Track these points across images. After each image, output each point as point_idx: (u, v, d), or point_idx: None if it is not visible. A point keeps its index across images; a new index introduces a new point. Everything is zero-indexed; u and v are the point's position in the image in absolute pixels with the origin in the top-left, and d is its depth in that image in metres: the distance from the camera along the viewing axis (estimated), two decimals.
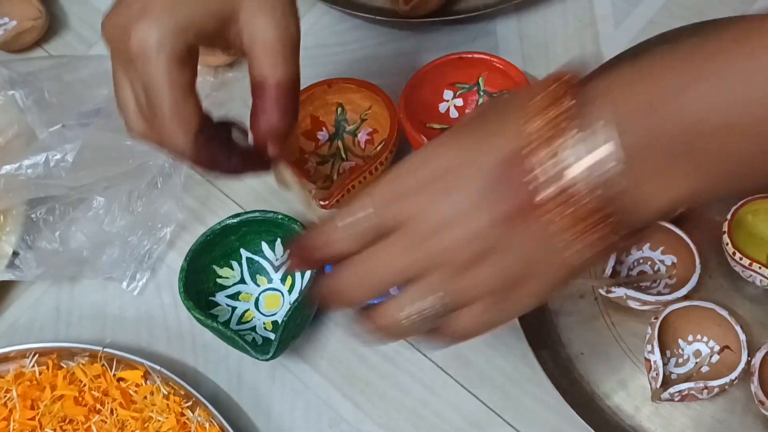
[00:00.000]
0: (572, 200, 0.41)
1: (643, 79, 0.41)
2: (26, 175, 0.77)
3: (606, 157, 0.40)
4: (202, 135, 0.53)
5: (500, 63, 0.80)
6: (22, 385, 0.75)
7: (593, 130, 0.40)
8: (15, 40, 0.91)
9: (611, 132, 0.40)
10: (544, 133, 0.41)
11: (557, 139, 0.41)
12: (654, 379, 0.69)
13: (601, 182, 0.40)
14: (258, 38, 0.52)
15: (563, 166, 0.40)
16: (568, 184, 0.41)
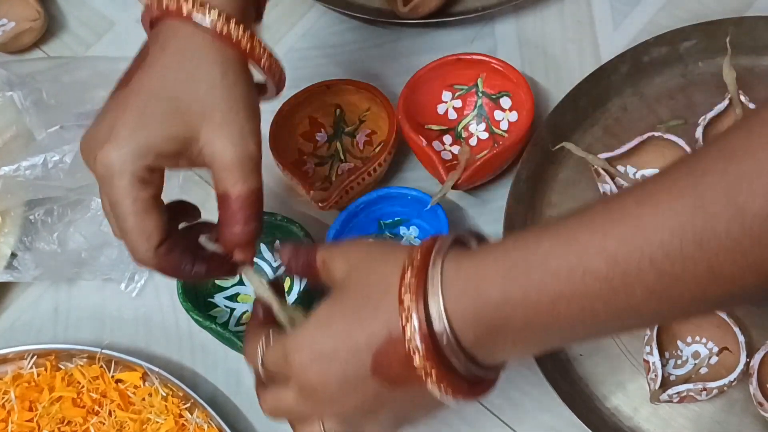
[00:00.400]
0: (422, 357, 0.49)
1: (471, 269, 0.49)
2: (24, 176, 0.77)
3: (441, 329, 0.49)
4: (164, 246, 0.57)
5: (499, 64, 0.80)
6: (20, 386, 0.75)
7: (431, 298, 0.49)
8: (13, 41, 0.91)
9: (441, 309, 0.49)
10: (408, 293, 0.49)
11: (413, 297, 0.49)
12: (653, 380, 0.69)
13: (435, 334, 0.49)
14: (217, 158, 0.56)
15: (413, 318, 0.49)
16: (416, 346, 0.49)
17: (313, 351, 0.52)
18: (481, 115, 0.82)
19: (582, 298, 0.47)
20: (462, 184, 0.76)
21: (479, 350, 0.50)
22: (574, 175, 0.80)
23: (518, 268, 0.48)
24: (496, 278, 0.48)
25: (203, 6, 0.57)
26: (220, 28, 0.57)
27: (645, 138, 0.76)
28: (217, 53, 0.57)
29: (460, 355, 0.49)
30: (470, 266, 0.49)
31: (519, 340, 0.50)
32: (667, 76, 0.82)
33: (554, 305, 0.47)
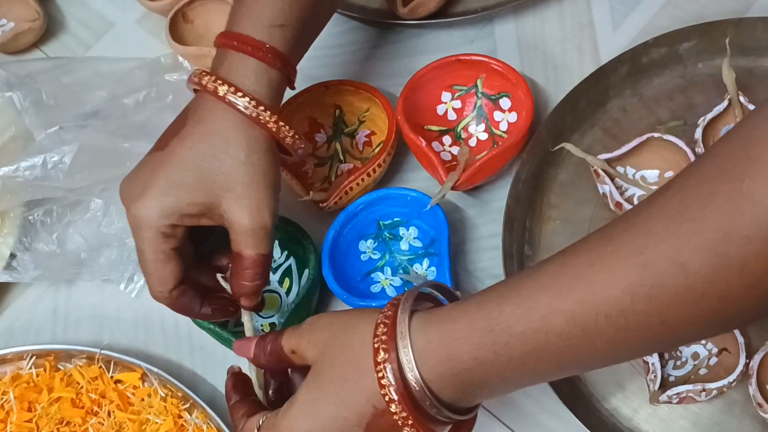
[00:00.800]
0: (404, 412, 0.53)
1: (441, 338, 0.53)
2: (24, 177, 0.77)
3: (422, 396, 0.53)
4: (177, 290, 0.65)
5: (498, 65, 0.80)
6: (19, 387, 0.75)
7: (405, 364, 0.53)
8: (12, 41, 0.91)
9: (418, 378, 0.53)
10: (382, 363, 0.53)
11: (389, 367, 0.53)
12: (652, 381, 0.69)
13: (411, 396, 0.53)
14: (234, 225, 0.64)
15: (393, 387, 0.53)
16: (401, 415, 0.53)
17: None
18: (480, 115, 0.82)
19: (548, 353, 0.51)
20: (461, 184, 0.76)
21: (460, 402, 0.55)
22: (574, 176, 0.80)
23: (485, 332, 0.52)
24: (466, 346, 0.52)
25: (238, 91, 0.63)
26: (250, 112, 0.63)
27: (644, 139, 0.76)
28: (246, 134, 0.64)
29: (443, 411, 0.54)
30: (440, 335, 0.53)
31: (495, 390, 0.55)
32: (666, 77, 0.82)
33: (524, 361, 0.52)
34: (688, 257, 0.46)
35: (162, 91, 0.84)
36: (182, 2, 0.89)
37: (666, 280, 0.47)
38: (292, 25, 0.67)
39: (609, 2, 0.88)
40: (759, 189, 0.44)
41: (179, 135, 0.64)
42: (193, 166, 0.63)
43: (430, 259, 0.78)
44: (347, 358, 0.55)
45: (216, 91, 0.64)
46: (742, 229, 0.44)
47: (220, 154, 0.63)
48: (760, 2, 0.85)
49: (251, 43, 0.65)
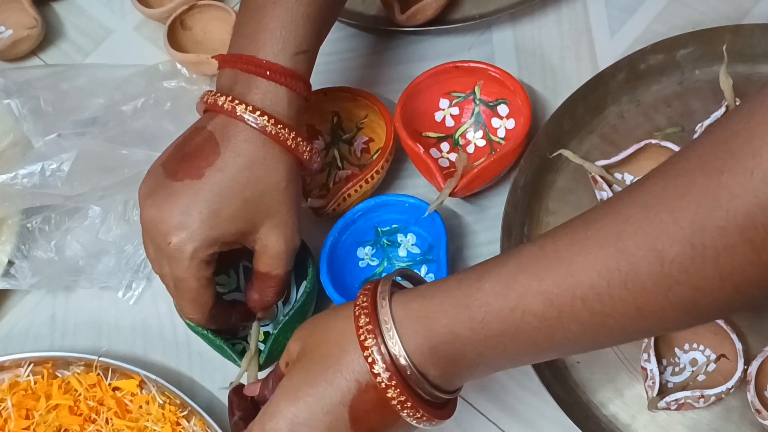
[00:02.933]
0: (390, 385, 0.54)
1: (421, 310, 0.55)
2: (22, 184, 0.77)
3: (405, 365, 0.54)
4: (214, 309, 0.69)
5: (496, 71, 0.81)
6: (17, 394, 0.75)
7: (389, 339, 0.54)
8: (11, 48, 0.91)
9: (401, 348, 0.54)
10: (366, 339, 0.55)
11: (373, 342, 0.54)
12: (650, 387, 0.69)
13: (401, 371, 0.54)
14: (269, 249, 0.67)
15: (378, 361, 0.54)
16: (387, 382, 0.54)
17: (293, 425, 0.56)
18: (478, 122, 0.83)
19: (524, 333, 0.52)
20: (459, 191, 0.76)
21: (441, 380, 0.55)
22: (572, 182, 0.80)
23: (463, 308, 0.53)
24: (443, 319, 0.53)
25: (271, 118, 0.65)
26: (283, 137, 0.66)
27: (642, 145, 0.76)
28: (283, 162, 0.66)
29: (425, 386, 0.55)
30: (419, 307, 0.54)
31: (473, 368, 0.55)
32: (663, 83, 0.82)
33: (500, 339, 0.53)
34: (665, 245, 0.47)
35: (160, 98, 0.84)
36: (180, 9, 0.89)
37: (642, 266, 0.48)
38: (312, 50, 0.69)
39: (606, 9, 0.88)
40: (736, 183, 0.45)
41: (215, 165, 0.65)
42: (235, 197, 0.65)
43: (429, 266, 0.78)
44: (328, 340, 0.57)
45: (235, 112, 0.65)
46: (718, 221, 0.45)
47: (261, 185, 0.65)
48: (757, 9, 0.86)
49: (280, 71, 0.66)
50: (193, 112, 0.83)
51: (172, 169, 0.66)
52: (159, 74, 0.86)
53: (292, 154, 0.67)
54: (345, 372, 0.55)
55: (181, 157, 0.66)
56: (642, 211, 0.48)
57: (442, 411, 0.57)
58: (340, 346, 0.56)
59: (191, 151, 0.66)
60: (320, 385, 0.56)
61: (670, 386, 0.70)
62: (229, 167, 0.65)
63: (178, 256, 0.64)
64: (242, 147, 0.65)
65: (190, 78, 0.86)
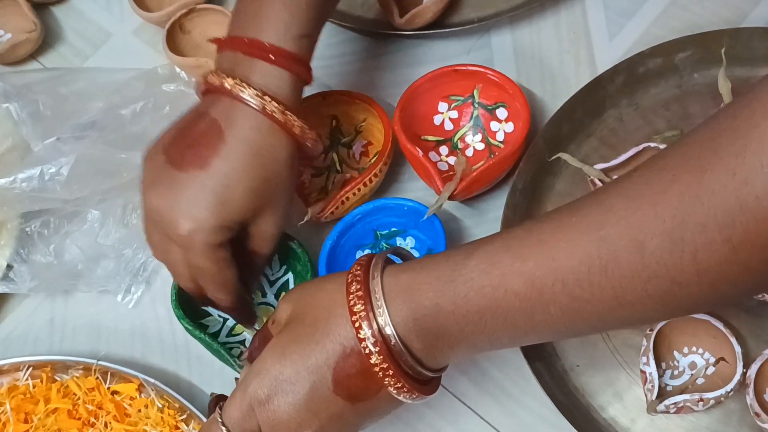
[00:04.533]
0: (373, 352, 0.55)
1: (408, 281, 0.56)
2: (21, 188, 0.77)
3: (389, 333, 0.55)
4: (238, 287, 0.69)
5: (495, 75, 0.81)
6: (16, 398, 0.75)
7: (377, 309, 0.55)
8: (9, 52, 0.91)
9: (387, 317, 0.55)
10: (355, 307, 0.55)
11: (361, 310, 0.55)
12: (649, 391, 0.69)
13: (386, 341, 0.55)
14: (263, 231, 0.68)
15: (365, 329, 0.55)
16: (371, 348, 0.55)
17: (276, 381, 0.56)
18: (477, 125, 0.83)
19: (504, 311, 0.53)
20: (458, 194, 0.76)
21: (423, 354, 0.56)
22: (571, 185, 0.80)
23: (448, 282, 0.54)
24: (428, 290, 0.54)
25: (273, 100, 0.65)
26: (283, 119, 0.65)
27: (641, 149, 0.76)
28: (286, 148, 0.66)
29: (408, 358, 0.55)
30: (407, 279, 0.55)
31: (455, 344, 0.56)
32: (662, 87, 0.82)
33: (481, 316, 0.53)
34: (645, 237, 0.48)
35: (159, 101, 0.84)
36: (179, 13, 0.89)
37: (622, 256, 0.49)
38: (314, 34, 0.69)
39: (605, 12, 0.88)
40: (718, 182, 0.45)
41: (221, 154, 0.64)
42: (241, 186, 0.65)
43: None
44: (318, 304, 0.57)
45: (240, 96, 0.64)
46: (699, 217, 0.46)
47: (265, 173, 0.66)
48: (755, 12, 0.86)
49: (284, 55, 0.65)
50: None
51: (176, 158, 0.65)
52: (158, 78, 0.86)
53: (296, 139, 0.67)
54: (332, 335, 0.56)
55: (185, 146, 0.66)
56: (625, 202, 0.49)
57: (423, 386, 0.58)
58: (329, 310, 0.56)
59: (195, 139, 0.65)
60: (306, 345, 0.56)
61: (669, 389, 0.70)
62: (235, 155, 0.65)
63: (193, 246, 0.65)
64: (248, 134, 0.65)
65: (189, 82, 0.86)
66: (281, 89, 0.66)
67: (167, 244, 0.66)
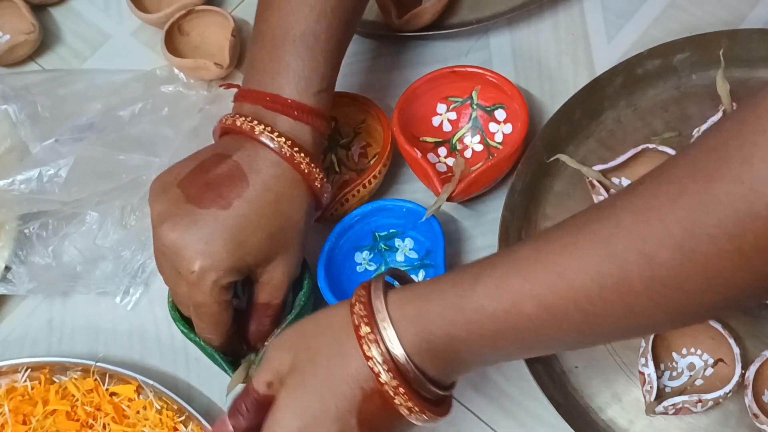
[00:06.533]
0: (397, 392, 0.54)
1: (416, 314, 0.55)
2: (19, 190, 0.77)
3: (407, 368, 0.54)
4: (231, 331, 0.69)
5: (493, 76, 0.81)
6: (14, 399, 0.75)
7: (385, 338, 0.54)
8: (8, 54, 0.91)
9: (402, 351, 0.54)
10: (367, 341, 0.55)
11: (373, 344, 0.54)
12: (648, 392, 0.69)
13: (399, 369, 0.54)
14: (274, 279, 0.68)
15: (384, 373, 0.54)
16: (393, 387, 0.54)
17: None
18: (475, 127, 0.83)
19: (517, 333, 0.53)
20: (457, 196, 0.76)
21: (440, 377, 0.56)
22: (569, 187, 0.80)
23: (458, 311, 0.54)
24: (440, 321, 0.54)
25: (302, 151, 0.67)
26: (305, 168, 0.67)
27: (639, 150, 0.76)
28: (305, 197, 0.68)
29: (427, 385, 0.55)
30: (414, 310, 0.55)
31: (470, 364, 0.57)
32: (660, 88, 0.82)
33: (495, 339, 0.54)
34: (655, 251, 0.48)
35: (158, 103, 0.84)
36: (178, 15, 0.89)
37: (632, 270, 0.49)
38: (332, 87, 0.71)
39: (603, 14, 0.88)
40: (727, 190, 0.45)
41: (244, 197, 0.65)
42: (261, 230, 0.66)
43: (426, 271, 0.78)
44: (322, 349, 0.56)
45: (268, 143, 0.66)
46: (708, 228, 0.46)
47: (283, 221, 0.67)
48: (754, 14, 0.86)
49: (305, 110, 0.68)
50: (189, 116, 0.83)
51: (194, 195, 0.66)
52: (156, 79, 0.86)
53: (315, 193, 0.69)
54: (349, 381, 0.55)
55: (204, 184, 0.66)
56: (633, 215, 0.49)
57: (441, 408, 0.58)
58: (339, 354, 0.56)
59: (216, 180, 0.66)
60: (325, 397, 0.55)
61: (668, 391, 0.70)
62: (258, 200, 0.66)
63: (200, 284, 0.65)
64: (272, 182, 0.66)
65: (188, 83, 0.86)
66: (305, 142, 0.68)
67: (175, 278, 0.67)
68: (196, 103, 0.84)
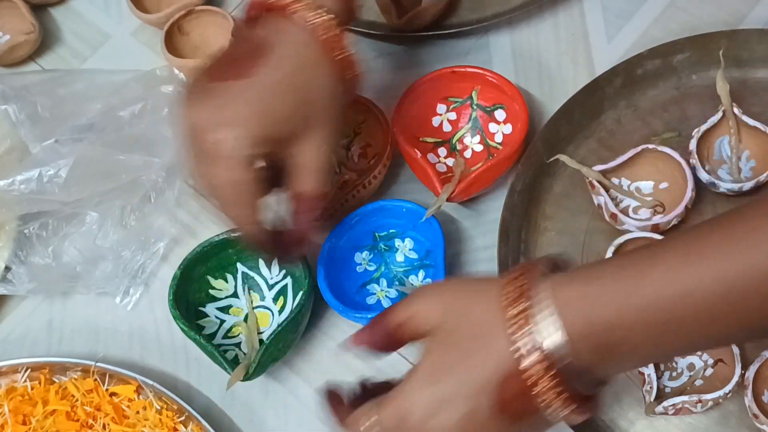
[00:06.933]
0: (540, 375, 0.51)
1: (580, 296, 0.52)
2: (19, 190, 0.77)
3: (556, 344, 0.51)
4: (258, 218, 0.65)
5: (493, 77, 0.81)
6: (14, 400, 0.75)
7: (545, 324, 0.51)
8: (8, 54, 0.91)
9: (557, 326, 0.51)
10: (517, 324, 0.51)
11: (525, 327, 0.51)
12: (648, 392, 0.69)
13: (556, 359, 0.51)
14: (307, 163, 0.64)
15: (529, 348, 0.51)
16: (531, 363, 0.51)
17: (431, 405, 0.53)
18: (475, 127, 0.83)
19: (689, 323, 0.50)
20: (457, 196, 0.76)
21: (593, 369, 0.52)
22: (569, 187, 0.80)
23: (628, 296, 0.50)
24: (605, 306, 0.51)
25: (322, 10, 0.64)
26: (331, 33, 0.64)
27: (639, 150, 0.76)
28: (332, 75, 0.64)
29: (578, 376, 0.52)
30: (577, 293, 0.51)
31: (630, 358, 0.53)
32: (660, 88, 0.82)
33: (667, 327, 0.50)
34: None
35: (157, 103, 0.84)
36: (177, 15, 0.89)
37: None
38: None
39: (603, 14, 0.89)
40: None
41: (268, 64, 0.62)
42: (286, 97, 0.62)
43: (426, 271, 0.78)
44: (471, 321, 0.53)
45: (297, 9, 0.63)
46: None
47: (310, 92, 0.63)
48: (753, 14, 0.86)
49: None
50: None
51: (217, 74, 0.63)
52: (156, 79, 0.86)
53: (340, 70, 0.65)
54: (493, 356, 0.52)
55: (228, 63, 0.64)
56: None
57: (588, 404, 0.54)
58: (484, 331, 0.52)
59: (240, 56, 0.64)
60: (462, 371, 0.53)
61: (668, 391, 0.70)
62: (280, 68, 0.63)
63: (225, 151, 0.61)
64: (299, 50, 0.63)
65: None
66: (334, 13, 0.65)
67: (207, 165, 0.63)
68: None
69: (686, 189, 0.74)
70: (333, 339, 0.78)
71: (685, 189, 0.74)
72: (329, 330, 0.78)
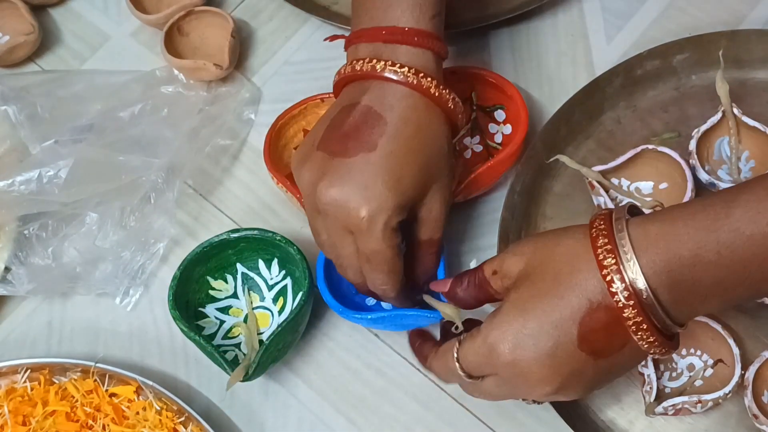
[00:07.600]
0: (627, 305, 0.54)
1: (660, 233, 0.54)
2: (19, 191, 0.77)
3: (641, 287, 0.53)
4: (402, 278, 0.68)
5: (492, 77, 0.81)
6: (14, 400, 0.74)
7: (628, 258, 0.54)
8: (7, 55, 0.91)
9: (638, 270, 0.53)
10: (605, 257, 0.54)
11: (612, 260, 0.54)
12: (647, 393, 0.69)
13: (638, 293, 0.53)
14: (433, 212, 0.68)
15: (617, 283, 0.54)
16: (617, 293, 0.54)
17: (519, 336, 0.56)
18: (475, 128, 0.83)
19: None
20: (456, 196, 0.76)
21: (672, 307, 0.54)
22: (569, 187, 0.80)
23: (710, 233, 0.52)
24: (687, 242, 0.53)
25: (427, 76, 0.66)
26: (434, 92, 0.66)
27: (639, 151, 0.76)
28: (443, 127, 0.68)
29: (659, 312, 0.54)
30: (657, 230, 0.54)
31: (708, 297, 0.54)
32: (660, 89, 0.82)
33: (746, 267, 0.52)
34: None
35: (157, 104, 0.84)
36: (177, 15, 0.89)
37: None
38: (443, 11, 0.70)
39: (603, 14, 0.89)
40: None
41: (387, 134, 0.65)
42: (412, 162, 0.65)
43: None
44: (556, 258, 0.56)
45: (393, 77, 0.65)
46: None
47: (429, 150, 0.66)
48: (753, 14, 0.86)
49: (425, 35, 0.67)
50: (189, 117, 0.83)
51: (338, 150, 0.65)
52: (156, 80, 0.86)
53: (449, 115, 0.68)
54: (577, 289, 0.55)
55: (343, 136, 0.65)
56: None
57: (670, 341, 0.56)
58: (571, 264, 0.56)
59: (353, 128, 0.65)
60: (550, 300, 0.56)
61: (668, 391, 0.70)
62: (401, 135, 0.65)
63: (372, 229, 0.64)
64: (409, 114, 0.66)
65: (187, 84, 0.86)
66: (428, 68, 0.67)
67: (341, 237, 0.66)
68: (195, 104, 0.84)
69: (686, 189, 0.74)
70: (333, 340, 0.78)
71: (685, 189, 0.74)
72: (329, 331, 0.78)
